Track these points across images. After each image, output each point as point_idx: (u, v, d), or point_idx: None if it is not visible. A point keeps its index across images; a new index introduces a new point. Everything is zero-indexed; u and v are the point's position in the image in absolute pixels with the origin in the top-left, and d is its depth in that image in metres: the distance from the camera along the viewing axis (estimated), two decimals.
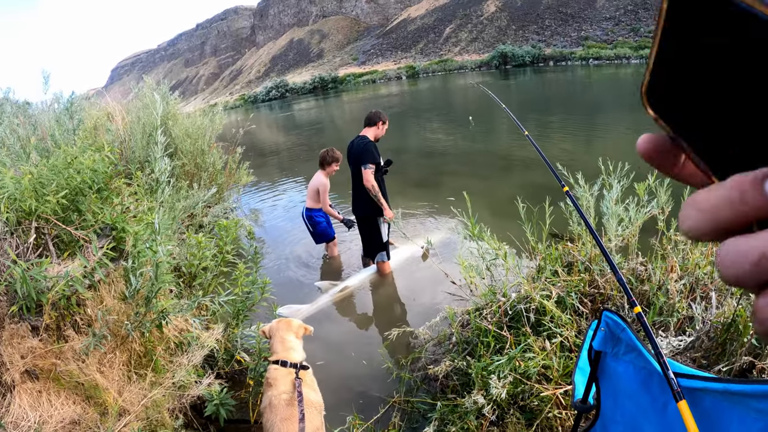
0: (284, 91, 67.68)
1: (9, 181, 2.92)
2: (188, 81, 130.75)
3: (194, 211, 5.96)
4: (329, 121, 28.72)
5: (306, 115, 34.53)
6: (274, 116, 38.25)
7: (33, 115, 7.02)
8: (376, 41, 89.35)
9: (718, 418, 1.15)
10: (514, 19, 70.53)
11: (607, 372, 1.51)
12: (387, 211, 5.08)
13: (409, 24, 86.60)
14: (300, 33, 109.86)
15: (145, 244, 2.80)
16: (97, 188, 3.26)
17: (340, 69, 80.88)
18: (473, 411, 2.71)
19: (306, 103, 46.07)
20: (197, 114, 8.22)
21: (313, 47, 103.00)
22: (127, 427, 2.61)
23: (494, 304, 3.30)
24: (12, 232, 2.84)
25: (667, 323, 2.94)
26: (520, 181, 8.43)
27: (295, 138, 21.71)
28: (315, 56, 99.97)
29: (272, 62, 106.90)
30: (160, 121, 4.07)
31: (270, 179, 11.99)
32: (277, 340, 2.99)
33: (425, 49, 77.06)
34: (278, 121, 33.83)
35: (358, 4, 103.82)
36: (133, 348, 2.99)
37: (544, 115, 15.07)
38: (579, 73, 35.38)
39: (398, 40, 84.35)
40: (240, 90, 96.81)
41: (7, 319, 2.61)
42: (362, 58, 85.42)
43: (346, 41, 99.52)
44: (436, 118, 20.21)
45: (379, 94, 40.47)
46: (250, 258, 3.61)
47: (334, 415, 3.08)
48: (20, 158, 3.86)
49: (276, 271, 6.10)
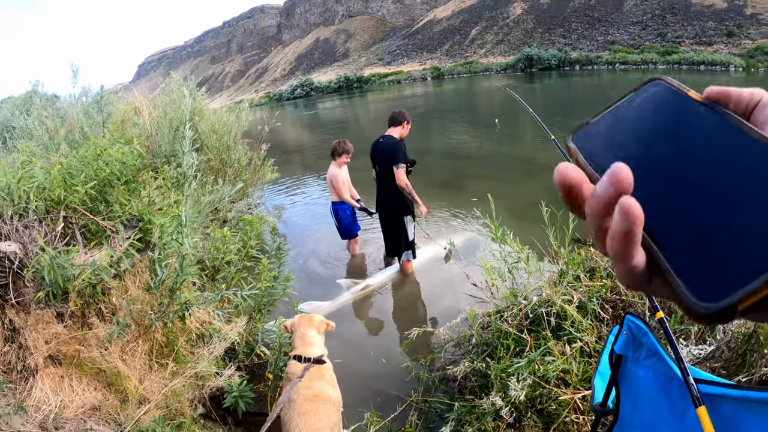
0: (309, 90, 68.08)
1: (39, 171, 2.98)
2: (214, 78, 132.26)
3: (219, 206, 6.03)
4: (353, 120, 28.82)
5: (330, 114, 34.69)
6: (299, 114, 38.50)
7: (61, 107, 7.16)
8: (402, 42, 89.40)
9: (736, 426, 1.14)
10: (541, 22, 70.04)
11: (628, 376, 1.50)
12: (422, 206, 5.18)
13: (435, 25, 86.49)
14: (326, 32, 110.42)
15: (172, 236, 2.84)
16: (125, 180, 3.31)
17: (365, 69, 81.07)
18: (491, 412, 2.70)
19: (331, 102, 46.28)
20: (223, 110, 8.30)
21: (338, 47, 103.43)
22: (147, 415, 2.64)
23: (515, 306, 3.28)
24: (41, 220, 2.90)
25: (688, 332, 2.90)
26: (543, 185, 8.36)
27: (319, 136, 21.83)
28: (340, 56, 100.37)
29: (298, 61, 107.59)
30: (188, 116, 4.11)
31: (293, 177, 12.06)
32: (298, 336, 3.03)
33: (451, 50, 76.89)
34: (303, 119, 34.05)
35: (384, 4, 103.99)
36: (155, 338, 3.04)
37: (568, 119, 14.92)
38: (605, 77, 35.00)
39: (424, 41, 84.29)
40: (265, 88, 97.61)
41: (33, 305, 2.66)
42: (388, 59, 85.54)
43: (372, 41, 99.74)
44: (461, 120, 20.16)
45: (404, 95, 40.49)
46: (274, 253, 3.64)
47: (353, 412, 3.10)
48: (48, 149, 3.93)
49: (298, 268, 6.13)
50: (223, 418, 3.23)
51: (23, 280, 2.61)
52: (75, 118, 5.53)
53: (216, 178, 6.87)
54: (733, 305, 0.25)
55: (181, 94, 6.39)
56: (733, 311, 0.26)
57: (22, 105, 11.56)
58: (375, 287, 5.42)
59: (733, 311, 0.26)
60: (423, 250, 5.93)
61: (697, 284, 0.27)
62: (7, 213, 2.78)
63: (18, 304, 2.64)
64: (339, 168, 5.92)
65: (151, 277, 2.99)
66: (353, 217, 6.17)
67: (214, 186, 6.13)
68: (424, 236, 5.05)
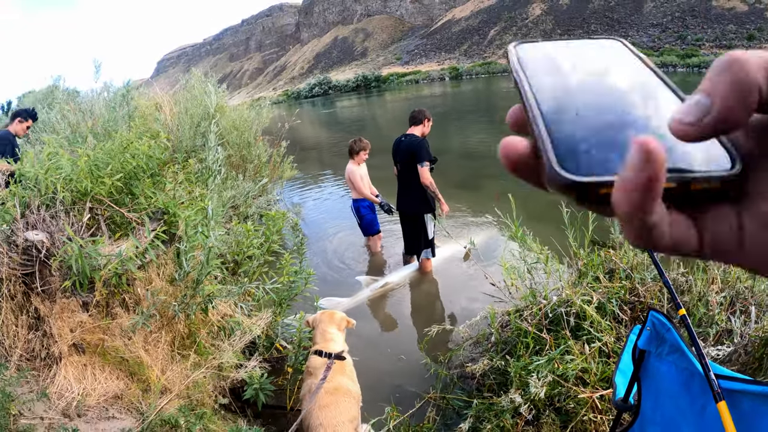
0: (327, 88, 68.28)
1: (66, 162, 3.03)
2: (233, 75, 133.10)
3: (238, 201, 6.08)
4: (371, 119, 28.86)
5: (348, 112, 34.76)
6: (317, 112, 38.62)
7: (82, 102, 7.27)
8: (420, 41, 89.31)
9: (756, 422, 1.15)
10: (560, 23, 69.58)
11: (650, 372, 1.50)
12: (444, 205, 5.19)
13: (454, 25, 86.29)
14: (344, 31, 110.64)
15: (197, 229, 2.88)
16: (150, 173, 3.37)
17: (383, 68, 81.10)
18: (509, 410, 2.70)
19: (348, 101, 46.37)
20: (244, 107, 8.37)
21: (357, 46, 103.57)
22: (169, 405, 2.68)
23: (534, 306, 3.28)
24: (67, 211, 2.95)
25: (706, 334, 2.90)
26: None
27: (337, 134, 21.88)
28: (359, 54, 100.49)
29: (316, 59, 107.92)
30: (212, 112, 4.17)
31: (312, 174, 12.12)
32: (319, 332, 3.06)
33: (469, 50, 76.67)
34: (321, 117, 34.15)
35: (403, 4, 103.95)
36: (177, 329, 3.08)
37: None
38: None
39: (442, 41, 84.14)
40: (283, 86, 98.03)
41: (59, 294, 2.71)
42: (406, 58, 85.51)
43: (390, 41, 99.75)
44: (479, 120, 20.10)
45: (422, 95, 40.44)
46: (295, 249, 3.68)
47: (372, 407, 3.12)
48: (72, 143, 4.00)
49: (317, 264, 6.16)
50: (242, 410, 3.26)
51: (49, 269, 2.66)
52: (98, 113, 5.62)
53: (236, 174, 6.93)
54: (591, 184, 0.30)
55: (202, 90, 6.46)
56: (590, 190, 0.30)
57: (43, 99, 11.76)
58: (394, 285, 5.43)
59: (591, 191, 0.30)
60: (442, 248, 5.93)
61: (566, 160, 0.31)
62: (34, 203, 2.83)
63: (44, 292, 2.69)
64: (357, 165, 5.94)
65: (175, 269, 3.03)
66: (374, 214, 6.19)
67: (234, 182, 6.19)
68: (444, 235, 5.06)
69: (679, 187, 0.30)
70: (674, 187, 0.29)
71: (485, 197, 8.01)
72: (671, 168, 0.29)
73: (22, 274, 2.65)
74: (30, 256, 2.63)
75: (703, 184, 0.30)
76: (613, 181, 0.29)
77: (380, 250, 6.46)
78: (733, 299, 3.09)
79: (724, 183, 0.30)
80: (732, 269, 3.22)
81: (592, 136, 0.32)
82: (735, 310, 3.00)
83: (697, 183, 0.30)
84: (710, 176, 0.30)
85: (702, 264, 3.34)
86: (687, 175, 0.30)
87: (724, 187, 0.30)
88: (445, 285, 5.37)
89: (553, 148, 0.31)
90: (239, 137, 7.53)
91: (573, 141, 0.31)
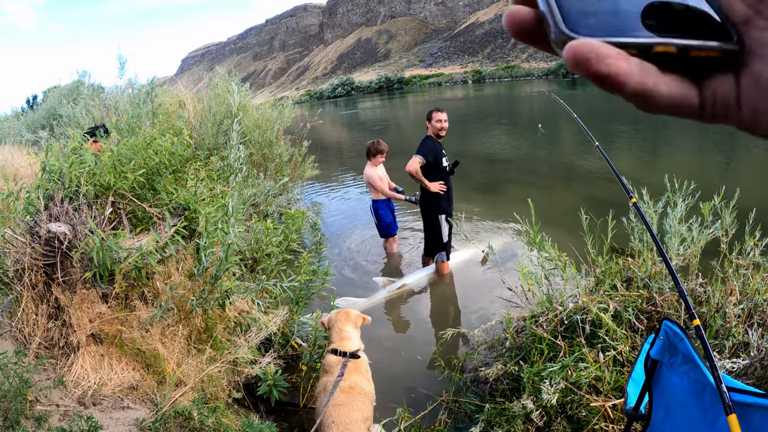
0: (350, 89, 68.49)
1: (89, 157, 3.10)
2: (256, 74, 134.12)
3: (259, 199, 6.14)
4: (393, 120, 28.88)
5: (370, 113, 34.82)
6: (339, 113, 38.76)
7: (106, 98, 7.40)
8: (444, 44, 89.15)
9: None
10: None
11: (662, 382, 1.50)
12: (430, 185, 5.14)
13: (477, 28, 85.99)
14: (368, 32, 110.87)
15: (217, 226, 2.92)
16: (172, 169, 3.42)
17: (406, 70, 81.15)
18: (521, 415, 2.69)
19: (371, 102, 46.45)
20: (266, 106, 8.44)
21: (380, 47, 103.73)
22: (183, 397, 2.71)
23: (550, 312, 3.26)
24: (90, 204, 3.01)
25: (722, 346, 2.86)
26: (582, 193, 8.25)
27: (358, 135, 21.95)
28: (382, 56, 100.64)
29: (339, 60, 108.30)
30: (235, 110, 4.22)
31: (332, 174, 12.17)
32: (336, 331, 3.08)
33: (492, 54, 76.35)
34: (342, 118, 34.27)
35: (427, 5, 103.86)
36: (194, 323, 3.12)
37: (611, 126, 14.65)
38: None
39: (465, 44, 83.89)
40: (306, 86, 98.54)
41: (80, 285, 2.76)
42: (429, 61, 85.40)
43: (413, 42, 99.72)
44: (501, 124, 19.99)
45: (444, 98, 40.36)
46: (313, 248, 3.70)
47: (383, 408, 3.13)
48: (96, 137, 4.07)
49: (334, 264, 6.18)
50: (255, 405, 3.29)
51: (71, 261, 2.72)
52: (122, 109, 5.71)
53: (257, 172, 7.00)
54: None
55: (226, 89, 6.54)
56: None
57: (69, 94, 11.98)
58: (410, 286, 5.43)
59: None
60: (460, 252, 5.91)
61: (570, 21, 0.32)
62: (58, 196, 2.89)
63: (64, 283, 2.75)
64: (375, 167, 5.96)
65: (194, 264, 3.08)
66: (393, 216, 6.20)
67: (255, 180, 6.25)
68: (463, 238, 5.07)
69: (679, 53, 0.32)
70: (675, 53, 0.32)
71: (505, 201, 7.99)
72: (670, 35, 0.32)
73: (43, 264, 2.71)
74: (52, 247, 2.68)
75: (700, 52, 0.32)
76: (614, 42, 0.31)
77: (396, 252, 6.47)
78: (751, 311, 3.04)
79: (723, 52, 0.32)
80: (751, 281, 3.17)
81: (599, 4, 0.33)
82: (753, 323, 2.95)
83: (696, 50, 0.32)
84: (707, 46, 0.32)
85: (721, 274, 3.30)
86: (686, 42, 0.32)
87: (723, 56, 0.32)
88: (461, 288, 5.36)
89: (558, 8, 0.33)
90: (261, 136, 7.60)
91: (578, 5, 0.33)
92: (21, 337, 2.73)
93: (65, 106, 8.57)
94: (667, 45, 0.32)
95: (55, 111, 11.23)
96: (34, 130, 11.52)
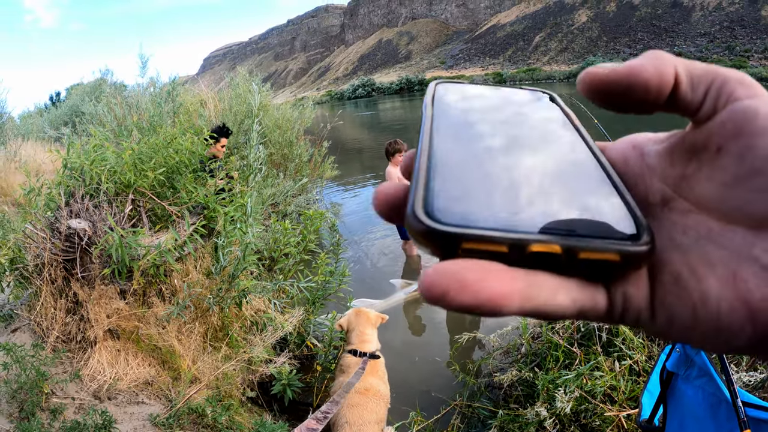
0: (370, 90, 68.60)
1: (110, 155, 3.14)
2: (277, 74, 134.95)
3: (278, 199, 6.17)
4: (413, 121, 28.82)
5: (390, 114, 34.82)
6: (359, 114, 38.79)
7: (128, 96, 7.49)
8: (464, 46, 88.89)
9: None
10: (606, 31, 68.34)
11: (677, 394, 1.47)
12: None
13: (499, 30, 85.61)
14: (389, 34, 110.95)
15: (236, 225, 2.94)
16: (192, 168, 3.45)
17: (426, 72, 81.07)
18: (534, 423, 2.67)
19: (391, 103, 46.44)
20: (287, 106, 8.48)
21: (401, 48, 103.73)
22: (197, 394, 2.74)
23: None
24: (110, 201, 3.04)
25: (740, 358, 2.80)
26: None
27: (379, 136, 21.93)
28: (403, 57, 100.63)
29: (360, 61, 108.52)
30: (256, 110, 4.24)
31: (352, 175, 12.16)
32: (356, 334, 3.09)
33: (513, 56, 75.95)
34: (363, 118, 34.30)
35: (448, 7, 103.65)
36: (211, 321, 3.14)
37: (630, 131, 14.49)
38: None
39: (486, 46, 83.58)
40: (327, 86, 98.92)
41: (98, 280, 2.80)
42: (450, 62, 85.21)
43: (434, 44, 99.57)
44: None
45: None
46: (331, 249, 3.71)
47: (396, 410, 3.12)
48: (118, 135, 4.12)
49: (352, 265, 6.16)
50: (269, 404, 3.30)
51: (90, 257, 2.75)
52: (144, 107, 5.78)
53: (277, 172, 7.04)
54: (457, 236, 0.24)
55: (247, 89, 6.58)
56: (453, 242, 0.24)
57: (91, 92, 12.14)
58: None
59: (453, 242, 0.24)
60: None
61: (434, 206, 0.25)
62: (78, 193, 2.93)
63: (83, 278, 2.79)
64: (395, 167, 5.95)
65: (212, 262, 3.10)
66: None
67: (275, 180, 6.28)
68: None
69: (565, 255, 0.24)
70: (559, 254, 0.24)
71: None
72: (557, 230, 0.25)
73: (63, 259, 2.75)
74: (72, 243, 2.72)
75: (592, 254, 0.24)
76: (479, 236, 0.24)
77: (415, 254, 6.44)
78: None
79: (625, 256, 0.24)
80: None
81: (474, 187, 0.27)
82: None
83: (586, 252, 0.24)
84: (603, 247, 0.24)
85: None
86: (574, 242, 0.24)
87: (625, 261, 0.24)
88: None
89: (424, 188, 0.26)
90: (281, 136, 7.63)
91: (451, 188, 0.27)
92: (39, 331, 2.78)
93: (87, 103, 8.69)
94: (546, 243, 0.24)
95: (78, 108, 11.41)
96: (56, 126, 11.70)
